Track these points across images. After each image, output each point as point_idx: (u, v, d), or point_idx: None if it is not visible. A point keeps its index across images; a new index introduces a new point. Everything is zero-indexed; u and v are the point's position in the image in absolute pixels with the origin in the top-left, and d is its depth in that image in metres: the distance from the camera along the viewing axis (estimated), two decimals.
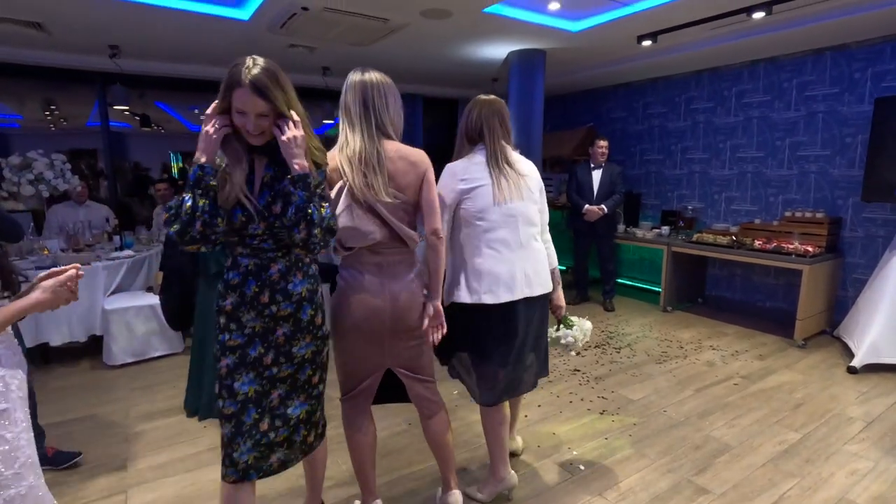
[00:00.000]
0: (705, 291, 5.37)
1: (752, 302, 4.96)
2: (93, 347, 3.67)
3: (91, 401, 3.05)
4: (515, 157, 2.01)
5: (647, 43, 4.17)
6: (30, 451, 1.16)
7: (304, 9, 3.42)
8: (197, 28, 3.99)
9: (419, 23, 3.82)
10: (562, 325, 2.23)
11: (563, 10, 3.83)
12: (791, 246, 4.07)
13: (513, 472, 2.13)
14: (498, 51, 4.79)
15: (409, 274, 1.75)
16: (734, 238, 4.48)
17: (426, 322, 1.76)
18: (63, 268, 1.25)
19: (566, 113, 6.90)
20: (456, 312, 1.93)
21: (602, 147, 4.89)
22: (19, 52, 4.61)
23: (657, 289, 5.25)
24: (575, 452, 2.49)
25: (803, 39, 4.12)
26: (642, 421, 2.81)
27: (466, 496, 2.10)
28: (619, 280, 6.37)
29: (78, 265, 1.28)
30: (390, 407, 2.95)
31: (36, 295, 1.18)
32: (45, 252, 3.65)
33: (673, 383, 3.32)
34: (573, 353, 2.37)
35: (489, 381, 1.98)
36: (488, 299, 1.88)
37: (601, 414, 2.89)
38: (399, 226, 1.68)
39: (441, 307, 1.80)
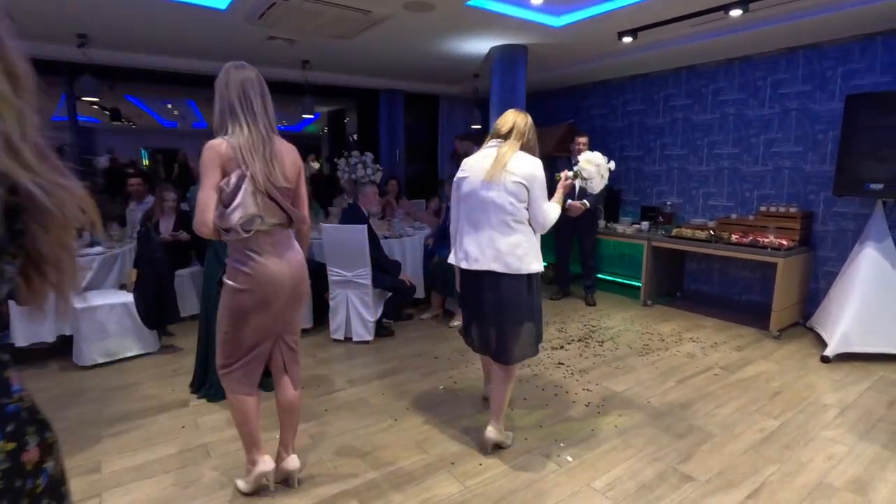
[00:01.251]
0: (684, 286, 5.47)
1: (730, 295, 5.08)
2: (62, 348, 3.52)
3: (61, 403, 2.92)
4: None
5: (627, 39, 4.21)
6: None
7: None
8: (171, 17, 3.87)
9: (402, 15, 3.78)
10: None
11: (546, 5, 3.83)
12: (766, 240, 4.17)
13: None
14: (480, 46, 4.78)
15: (294, 247, 1.98)
16: (712, 232, 4.58)
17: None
18: None
19: (547, 110, 6.94)
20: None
21: (581, 143, 4.83)
22: None
23: (637, 283, 5.32)
24: (562, 444, 2.50)
25: (777, 38, 4.22)
26: (627, 412, 2.84)
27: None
28: (600, 275, 6.44)
29: None
30: (374, 404, 2.93)
31: None
32: None
33: (655, 375, 3.36)
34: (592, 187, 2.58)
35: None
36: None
37: (586, 406, 2.91)
38: (291, 209, 1.88)
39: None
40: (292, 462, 2.14)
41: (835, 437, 2.58)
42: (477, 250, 2.26)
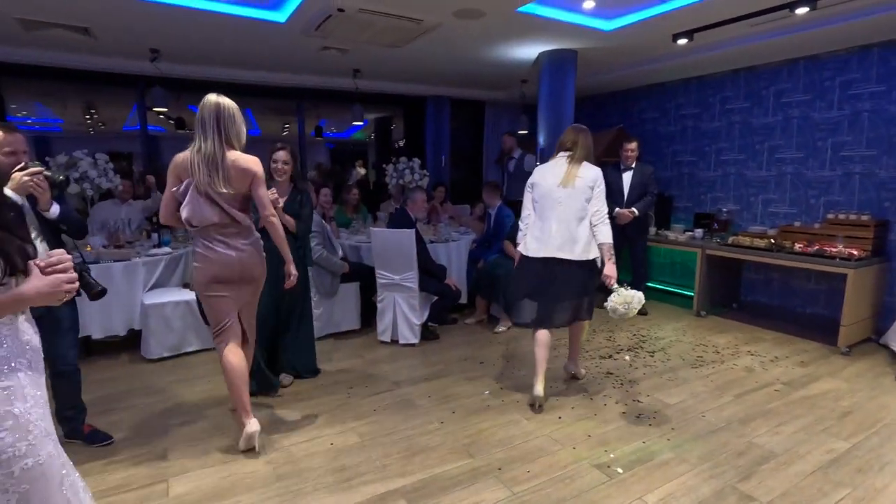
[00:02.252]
0: (741, 296, 5.23)
1: (791, 307, 4.80)
2: (132, 341, 3.77)
3: (131, 392, 3.13)
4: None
5: (682, 41, 4.09)
6: (44, 425, 1.19)
7: (340, 10, 3.47)
8: (235, 31, 4.09)
9: (452, 23, 3.83)
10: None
11: (598, 9, 3.79)
12: (834, 249, 3.92)
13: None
14: (529, 51, 4.78)
15: (245, 241, 2.40)
16: (772, 241, 4.35)
17: (290, 280, 2.59)
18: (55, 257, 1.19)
19: (595, 114, 6.82)
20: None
21: (630, 149, 4.73)
22: (63, 56, 4.80)
23: (689, 293, 5.12)
24: (612, 455, 2.44)
25: (848, 35, 3.98)
26: (680, 425, 2.74)
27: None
28: (650, 284, 6.24)
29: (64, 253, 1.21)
30: (421, 406, 2.96)
31: (34, 282, 1.13)
32: (88, 248, 3.77)
33: (710, 388, 3.22)
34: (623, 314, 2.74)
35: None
36: None
37: (637, 417, 2.83)
38: (231, 210, 2.30)
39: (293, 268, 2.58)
40: (251, 426, 2.47)
41: None
42: (546, 241, 2.85)
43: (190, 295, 3.73)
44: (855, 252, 3.84)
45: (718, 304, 5.05)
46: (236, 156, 2.29)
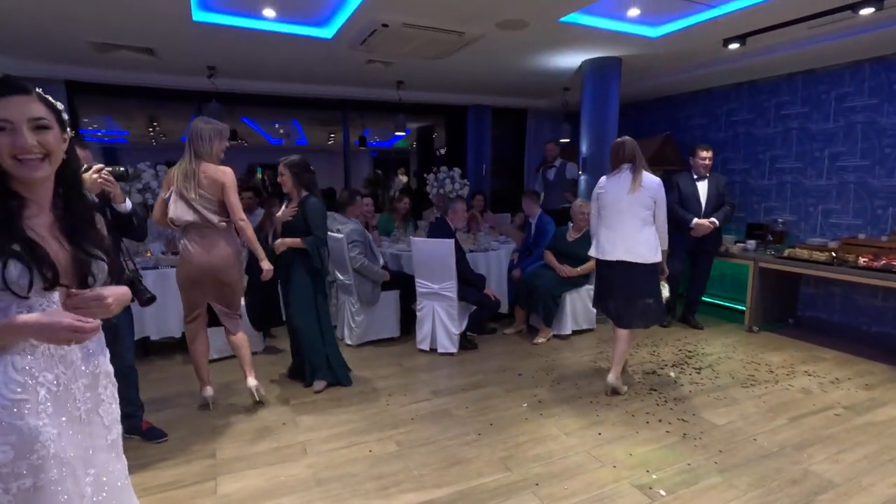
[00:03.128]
0: (797, 312, 4.94)
1: (855, 325, 4.49)
2: (185, 343, 3.96)
3: (183, 392, 3.30)
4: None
5: (733, 46, 3.94)
6: (56, 449, 1.08)
7: (385, 25, 3.56)
8: (285, 48, 4.27)
9: (494, 34, 3.86)
10: None
11: (643, 16, 3.71)
12: None
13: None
14: (571, 60, 4.73)
15: (224, 245, 2.81)
16: (833, 254, 4.09)
17: (264, 274, 2.92)
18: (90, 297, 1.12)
19: (641, 121, 6.66)
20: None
21: (707, 158, 4.48)
22: (129, 74, 5.15)
23: (741, 307, 4.88)
24: (654, 476, 2.36)
25: None
26: (729, 448, 2.61)
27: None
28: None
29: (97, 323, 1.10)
30: (458, 416, 2.97)
31: (37, 315, 1.05)
32: (148, 254, 4.01)
33: (763, 410, 3.06)
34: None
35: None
36: None
37: (682, 437, 2.72)
38: (203, 213, 2.73)
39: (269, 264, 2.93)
40: (250, 381, 3.05)
41: None
42: (612, 245, 3.15)
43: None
44: None
45: (773, 319, 4.79)
46: (206, 167, 2.75)
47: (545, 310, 4.23)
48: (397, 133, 6.31)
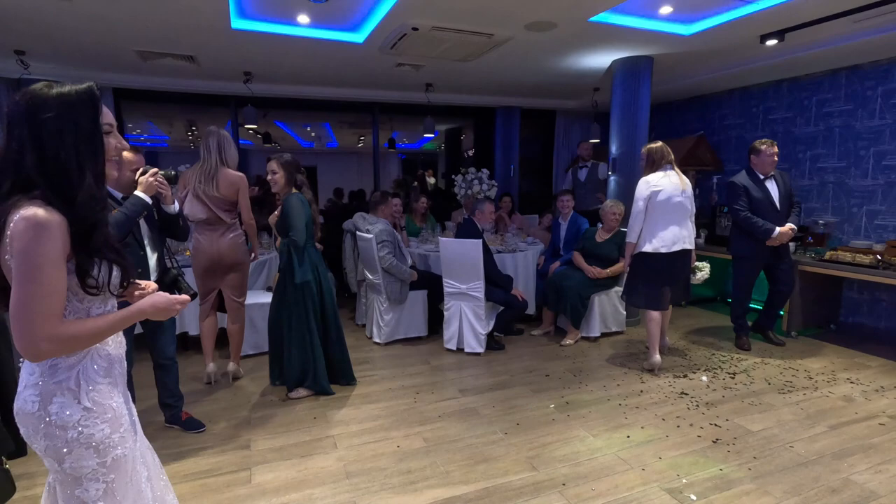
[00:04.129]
0: (839, 317, 4.74)
1: None
2: (221, 338, 4.11)
3: (219, 385, 3.43)
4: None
5: (771, 42, 3.84)
6: (120, 450, 1.21)
7: (415, 29, 3.62)
8: (318, 53, 4.39)
9: (523, 36, 3.86)
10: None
11: (676, 14, 3.65)
12: None
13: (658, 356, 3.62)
14: (601, 59, 4.68)
15: (229, 234, 3.21)
16: (879, 257, 3.92)
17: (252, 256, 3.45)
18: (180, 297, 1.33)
19: (673, 121, 6.52)
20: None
21: (772, 153, 3.91)
22: (170, 80, 5.38)
23: (779, 312, 4.72)
24: (685, 480, 2.32)
25: None
26: (764, 455, 2.54)
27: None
28: (731, 300, 5.85)
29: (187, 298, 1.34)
30: (485, 415, 2.99)
31: (153, 299, 1.24)
32: (188, 253, 4.18)
33: (801, 417, 2.96)
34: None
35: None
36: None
37: (714, 442, 2.66)
38: (215, 211, 3.12)
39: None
40: (231, 366, 3.51)
41: None
42: (675, 237, 3.50)
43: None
44: None
45: (813, 324, 4.62)
46: (226, 171, 3.13)
47: (573, 311, 4.20)
48: (426, 135, 6.38)
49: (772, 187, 3.97)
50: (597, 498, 2.19)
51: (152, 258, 2.52)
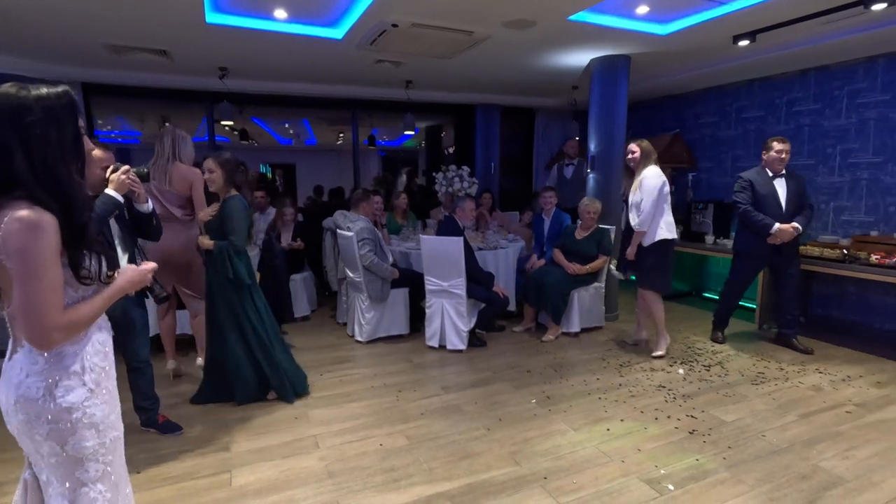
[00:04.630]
0: (809, 310, 4.90)
1: (867, 323, 4.45)
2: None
3: (196, 387, 3.35)
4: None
5: (743, 43, 3.93)
6: (117, 432, 1.34)
7: (394, 25, 3.59)
8: (295, 49, 4.32)
9: (502, 34, 3.87)
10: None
11: (652, 14, 3.71)
12: None
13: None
14: (580, 58, 4.73)
15: (183, 232, 3.25)
16: (845, 252, 4.06)
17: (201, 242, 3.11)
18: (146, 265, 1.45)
19: (650, 119, 6.63)
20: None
21: (781, 151, 3.80)
22: (142, 75, 5.23)
23: (751, 305, 4.87)
24: (663, 471, 2.37)
25: None
26: (738, 444, 2.62)
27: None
28: (706, 294, 5.99)
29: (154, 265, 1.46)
30: (468, 411, 3.00)
31: (126, 275, 1.35)
32: None
33: (772, 407, 3.06)
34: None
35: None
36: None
37: (690, 434, 2.73)
38: (167, 206, 3.19)
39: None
40: (199, 360, 3.50)
41: None
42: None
43: None
44: None
45: None
46: (179, 167, 3.18)
47: (554, 307, 4.25)
48: (406, 132, 6.35)
49: (780, 185, 3.88)
50: (578, 490, 2.23)
51: (123, 259, 2.45)
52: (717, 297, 5.58)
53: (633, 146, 3.81)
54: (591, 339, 4.35)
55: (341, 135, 12.62)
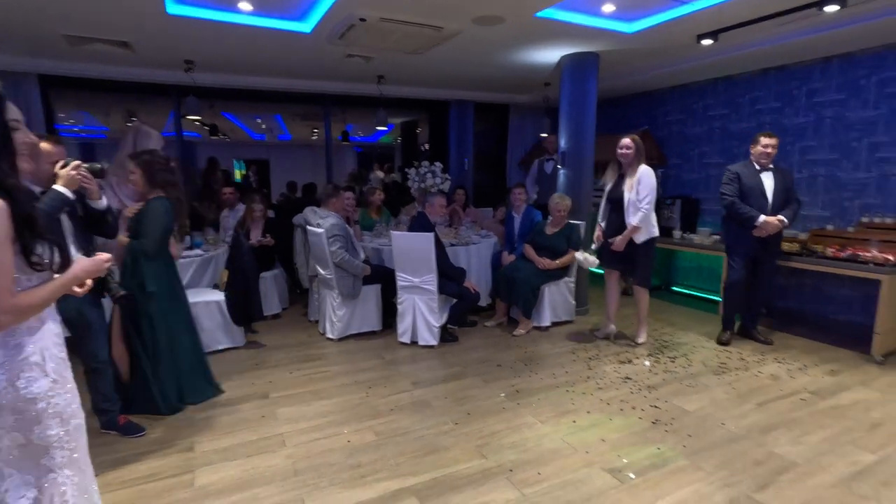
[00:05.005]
0: (769, 302, 5.06)
1: (823, 314, 4.63)
2: None
3: None
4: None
5: (707, 42, 4.02)
6: (79, 419, 1.39)
7: (362, 20, 3.56)
8: (263, 42, 4.25)
9: (472, 30, 3.88)
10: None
11: (618, 12, 3.77)
12: (868, 254, 3.78)
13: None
14: (550, 55, 4.77)
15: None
16: (803, 245, 4.21)
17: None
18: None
19: (620, 116, 6.74)
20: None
21: (767, 145, 3.83)
22: (106, 68, 5.07)
23: (716, 297, 5.00)
24: (625, 460, 2.43)
25: (883, 33, 3.83)
26: (698, 432, 2.70)
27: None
28: (675, 288, 6.13)
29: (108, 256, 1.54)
30: (437, 406, 3.01)
31: (80, 264, 1.42)
32: None
33: (732, 396, 3.16)
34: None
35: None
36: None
37: (653, 423, 2.80)
38: (123, 200, 3.31)
39: None
40: None
41: None
42: None
43: (219, 295, 3.90)
44: (890, 257, 3.69)
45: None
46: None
47: (524, 302, 4.29)
48: (379, 128, 6.33)
49: (767, 179, 3.88)
50: (542, 482, 2.26)
51: (76, 257, 2.38)
52: (686, 291, 5.74)
53: (627, 141, 3.86)
54: (562, 333, 4.41)
55: (315, 130, 12.48)
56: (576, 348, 4.03)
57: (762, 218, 3.78)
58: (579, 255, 4.13)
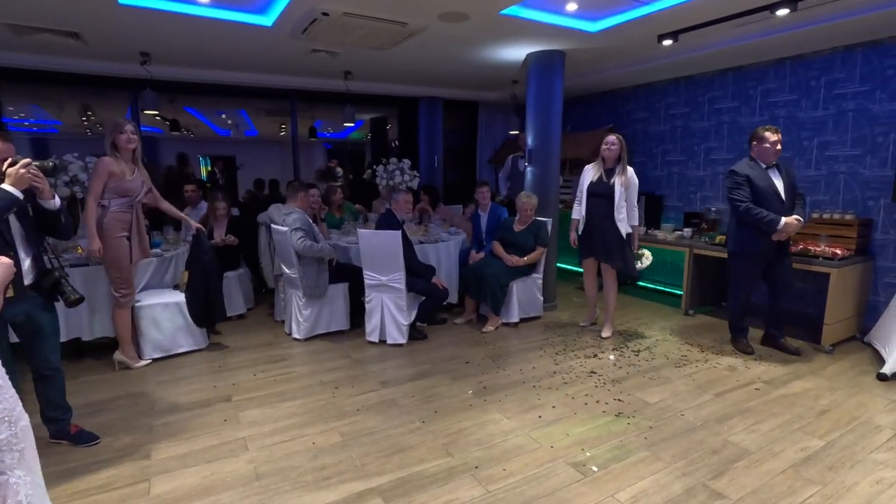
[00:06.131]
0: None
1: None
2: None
3: (118, 393, 3.17)
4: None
5: (667, 42, 4.11)
6: (24, 421, 1.35)
7: (325, 14, 3.50)
8: (223, 35, 4.12)
9: (437, 26, 3.86)
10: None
11: (581, 11, 3.81)
12: (818, 248, 3.95)
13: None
14: (517, 52, 4.80)
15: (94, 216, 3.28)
16: None
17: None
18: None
19: (586, 115, 6.85)
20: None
21: (776, 141, 3.58)
22: (58, 60, 4.84)
23: (678, 292, 5.15)
24: (588, 454, 2.48)
25: (832, 36, 4.00)
26: (658, 424, 2.77)
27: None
28: (641, 283, 6.28)
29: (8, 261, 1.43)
30: (404, 405, 3.00)
31: None
32: (79, 250, 3.80)
33: (692, 387, 3.26)
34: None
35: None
36: None
37: (616, 416, 2.86)
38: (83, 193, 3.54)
39: None
40: (116, 354, 3.53)
41: (886, 460, 2.42)
42: None
43: (180, 297, 3.78)
44: (838, 251, 3.87)
45: (707, 302, 5.08)
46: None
47: (493, 299, 4.32)
48: (346, 124, 6.22)
49: (775, 177, 3.64)
50: (507, 477, 2.28)
51: (26, 261, 2.26)
52: (650, 286, 5.88)
53: (612, 138, 4.01)
54: (530, 329, 4.46)
55: (283, 126, 12.20)
56: (543, 344, 4.08)
57: (783, 220, 3.49)
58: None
